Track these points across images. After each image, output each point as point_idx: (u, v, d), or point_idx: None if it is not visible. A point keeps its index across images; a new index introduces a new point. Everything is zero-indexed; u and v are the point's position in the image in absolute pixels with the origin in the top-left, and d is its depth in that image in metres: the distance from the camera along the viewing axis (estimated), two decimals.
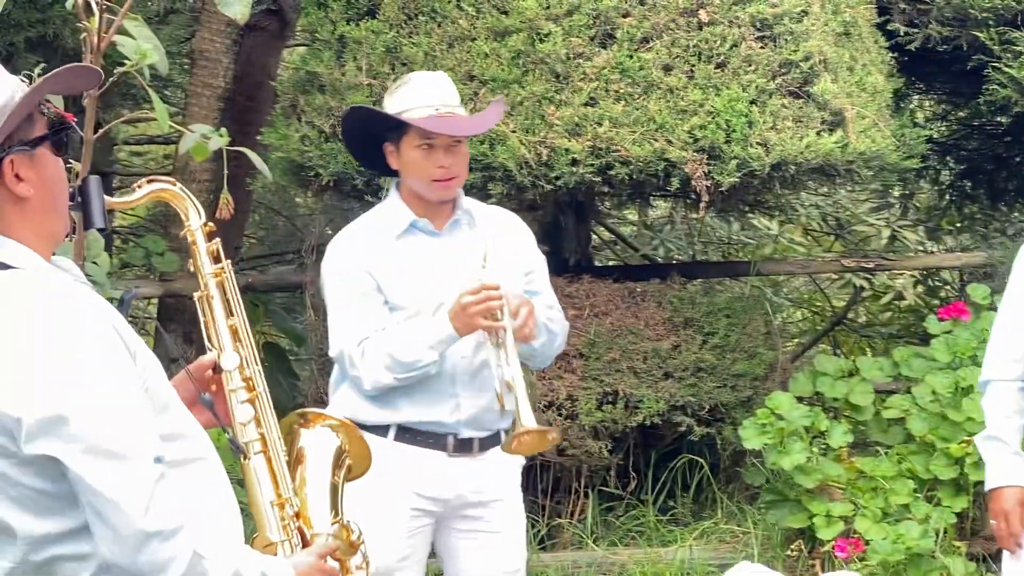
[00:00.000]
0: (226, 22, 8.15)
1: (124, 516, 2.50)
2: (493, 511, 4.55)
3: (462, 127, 4.48)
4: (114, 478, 2.49)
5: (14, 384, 2.50)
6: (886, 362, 7.47)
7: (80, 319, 2.55)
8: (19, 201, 2.61)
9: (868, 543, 6.42)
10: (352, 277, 4.47)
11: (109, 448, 2.50)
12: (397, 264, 4.45)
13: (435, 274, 4.45)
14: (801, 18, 6.87)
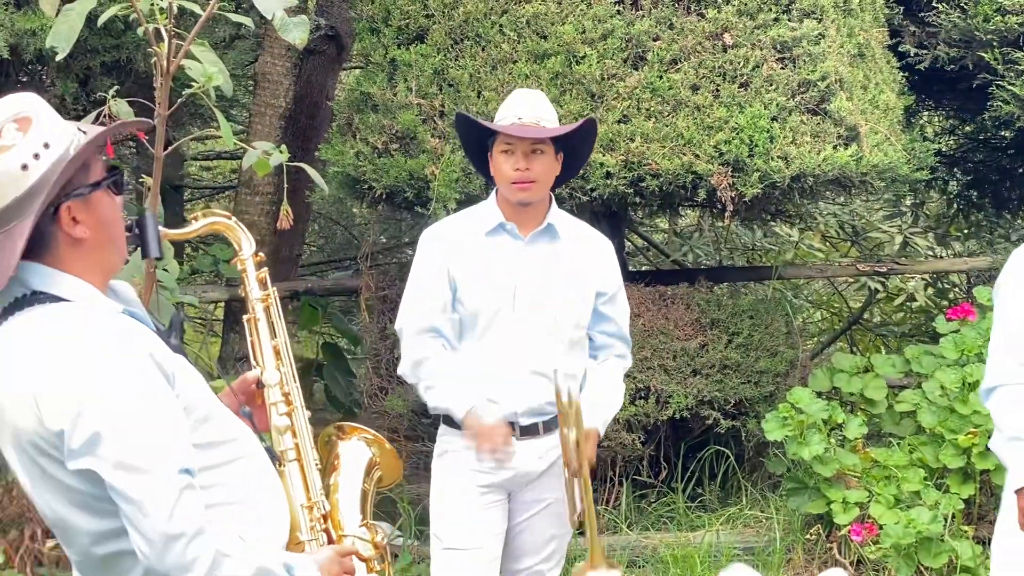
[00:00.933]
0: (287, 47, 8.18)
1: (150, 521, 2.60)
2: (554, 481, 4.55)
3: (530, 131, 4.42)
4: (140, 488, 2.59)
5: (59, 401, 2.59)
6: (898, 359, 7.43)
7: (117, 347, 2.64)
8: (76, 242, 2.70)
9: (882, 527, 6.38)
10: (432, 264, 4.52)
11: (135, 463, 2.60)
12: (479, 259, 4.48)
13: (511, 275, 4.46)
14: (819, 41, 6.84)
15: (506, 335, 4.45)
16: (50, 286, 2.67)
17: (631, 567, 6.76)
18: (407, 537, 7.12)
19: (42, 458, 2.64)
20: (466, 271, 4.47)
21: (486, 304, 4.45)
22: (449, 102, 6.73)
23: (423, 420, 7.27)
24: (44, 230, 2.65)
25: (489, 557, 4.53)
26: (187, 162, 12.60)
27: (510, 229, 4.51)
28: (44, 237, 2.65)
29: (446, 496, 4.55)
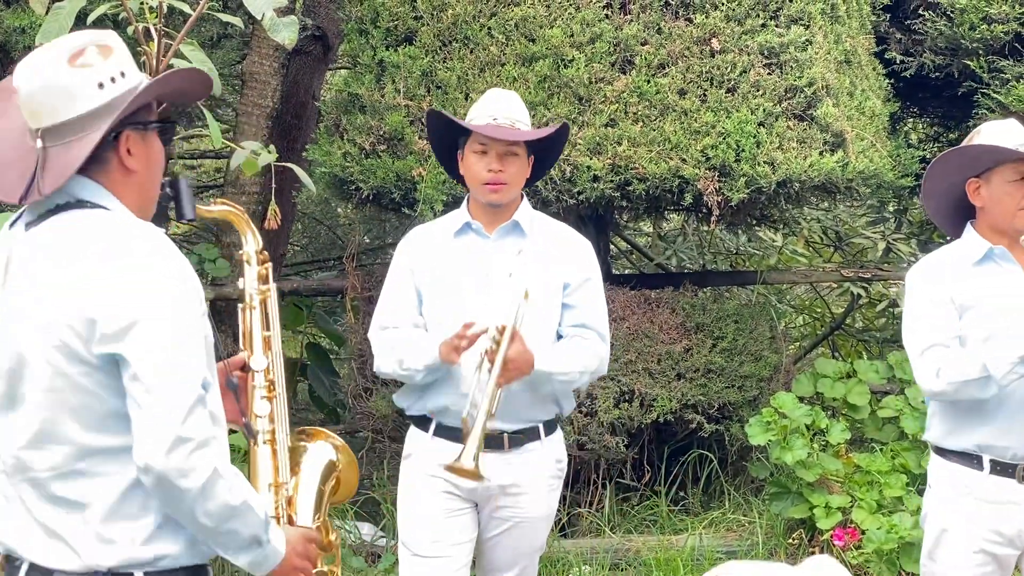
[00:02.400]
0: (274, 47, 8.16)
1: (164, 418, 2.68)
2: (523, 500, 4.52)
3: (508, 133, 4.40)
4: (163, 383, 2.68)
5: (99, 290, 2.69)
6: (881, 365, 7.46)
7: (167, 249, 2.77)
8: (127, 171, 2.85)
9: (864, 532, 6.40)
10: (398, 272, 4.55)
11: (166, 359, 2.69)
12: (446, 258, 4.48)
13: (475, 272, 4.45)
14: (806, 47, 6.85)
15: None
16: (96, 198, 2.81)
17: (614, 570, 6.77)
18: (390, 538, 7.11)
19: (59, 354, 2.71)
20: (432, 275, 4.47)
21: (449, 304, 4.44)
22: (437, 104, 6.72)
23: (406, 421, 7.23)
24: (102, 152, 2.79)
25: (456, 566, 4.45)
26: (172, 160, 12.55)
27: (476, 228, 4.50)
28: (99, 158, 2.80)
29: (412, 502, 4.50)
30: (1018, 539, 4.20)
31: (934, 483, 4.33)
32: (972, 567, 4.22)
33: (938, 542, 4.28)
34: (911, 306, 4.25)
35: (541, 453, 4.52)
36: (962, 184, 4.27)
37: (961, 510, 4.22)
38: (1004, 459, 4.16)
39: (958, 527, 4.22)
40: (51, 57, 2.78)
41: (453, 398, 4.37)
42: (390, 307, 4.53)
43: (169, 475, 2.68)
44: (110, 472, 2.76)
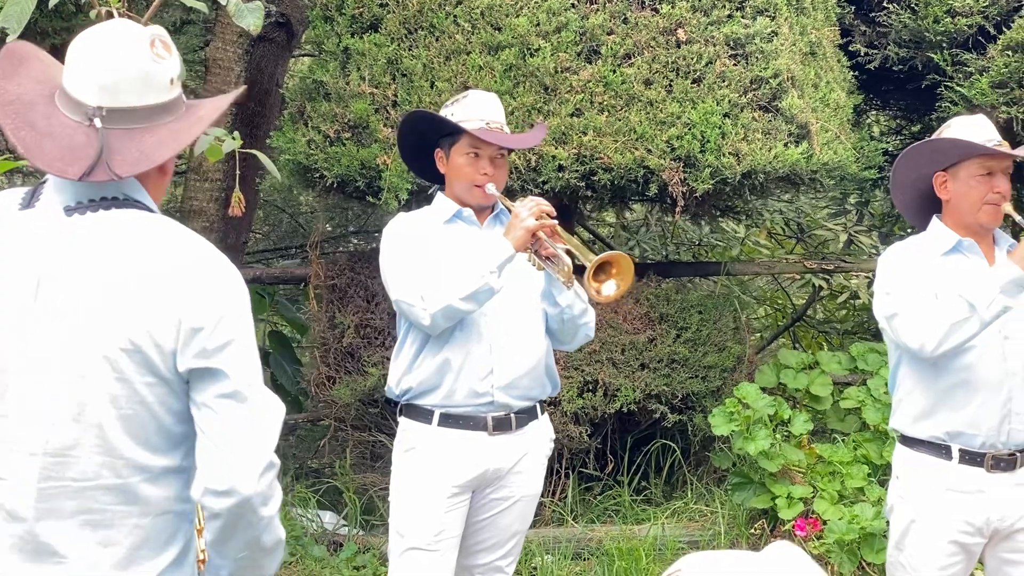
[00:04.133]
0: (239, 33, 8.09)
1: (259, 441, 2.60)
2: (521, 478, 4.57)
3: (509, 140, 4.59)
4: (260, 406, 2.61)
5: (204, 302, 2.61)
6: (844, 356, 7.47)
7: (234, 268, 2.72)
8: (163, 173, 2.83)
9: (825, 523, 6.40)
10: (405, 241, 4.48)
11: (258, 381, 2.63)
12: (441, 242, 4.48)
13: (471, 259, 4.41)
14: (771, 38, 6.85)
15: (473, 321, 4.43)
16: (142, 197, 2.73)
17: (576, 559, 6.76)
18: (352, 527, 7.07)
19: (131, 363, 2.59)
20: (431, 260, 4.44)
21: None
22: (402, 92, 6.68)
23: (370, 410, 7.22)
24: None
25: (454, 557, 4.50)
26: None
27: (466, 216, 4.54)
28: None
29: (414, 494, 4.48)
30: (986, 528, 4.21)
31: (901, 473, 4.33)
32: (942, 557, 4.23)
33: (906, 532, 4.29)
34: (885, 279, 4.26)
35: (538, 431, 4.62)
36: (930, 177, 4.30)
37: (931, 500, 4.22)
38: (973, 448, 4.18)
39: (928, 518, 4.23)
40: (131, 38, 2.69)
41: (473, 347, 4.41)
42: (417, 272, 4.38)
43: (254, 501, 2.60)
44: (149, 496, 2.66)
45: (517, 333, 4.50)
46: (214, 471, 2.59)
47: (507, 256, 4.29)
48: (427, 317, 4.30)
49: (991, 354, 4.18)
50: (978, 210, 4.22)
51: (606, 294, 4.25)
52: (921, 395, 4.24)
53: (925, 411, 4.23)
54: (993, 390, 4.16)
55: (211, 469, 2.59)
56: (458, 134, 4.50)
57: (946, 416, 4.19)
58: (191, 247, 2.67)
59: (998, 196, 4.23)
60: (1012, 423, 4.19)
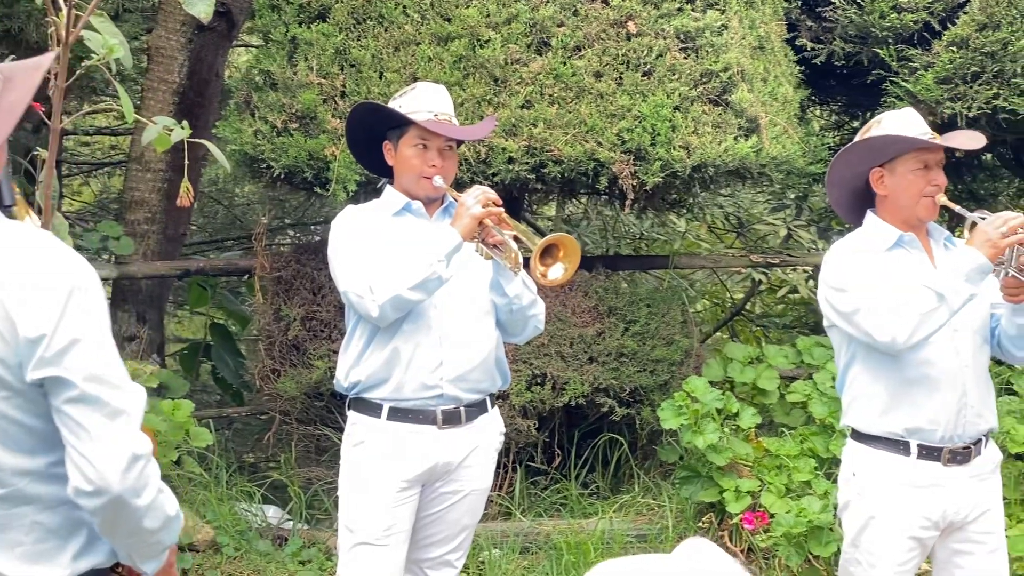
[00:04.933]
0: (181, 21, 8.00)
1: (120, 437, 2.55)
2: (472, 472, 4.54)
3: (458, 132, 4.55)
4: (113, 402, 2.55)
5: (38, 309, 2.52)
6: (790, 350, 7.49)
7: (85, 263, 2.63)
8: None
9: (773, 516, 6.41)
10: (355, 233, 4.43)
11: (109, 376, 2.57)
12: (391, 235, 4.43)
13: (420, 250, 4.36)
14: (721, 32, 6.84)
15: (422, 313, 4.39)
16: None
17: (524, 553, 6.73)
18: (298, 521, 7.00)
19: None
20: (380, 252, 4.38)
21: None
22: (351, 82, 6.61)
23: (316, 403, 7.14)
24: None
25: (402, 554, 4.47)
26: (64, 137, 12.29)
27: (415, 209, 4.51)
28: None
29: (363, 489, 4.44)
30: (942, 521, 4.23)
31: (858, 471, 4.32)
32: (902, 553, 4.24)
33: (864, 529, 4.29)
34: (836, 276, 4.24)
35: (488, 425, 4.59)
36: (865, 173, 4.32)
37: (889, 497, 4.23)
38: (932, 443, 4.19)
39: (887, 514, 4.23)
40: None
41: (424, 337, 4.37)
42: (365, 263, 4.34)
43: (125, 496, 2.56)
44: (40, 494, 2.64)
45: (467, 326, 4.46)
46: (79, 473, 2.55)
47: (455, 245, 4.25)
48: (376, 308, 4.26)
49: (944, 348, 4.19)
50: (916, 203, 4.24)
51: (553, 277, 4.20)
52: (878, 392, 4.24)
53: (883, 408, 4.23)
54: (950, 384, 4.18)
55: (77, 472, 2.56)
56: (406, 126, 4.47)
57: (906, 412, 4.20)
58: (19, 251, 2.57)
59: (935, 189, 4.25)
60: (967, 416, 4.21)
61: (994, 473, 4.34)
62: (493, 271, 4.43)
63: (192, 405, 6.66)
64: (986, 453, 4.31)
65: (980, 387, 4.26)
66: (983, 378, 4.29)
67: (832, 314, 4.27)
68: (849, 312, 4.17)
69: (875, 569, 4.28)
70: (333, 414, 7.05)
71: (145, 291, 8.09)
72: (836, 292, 4.24)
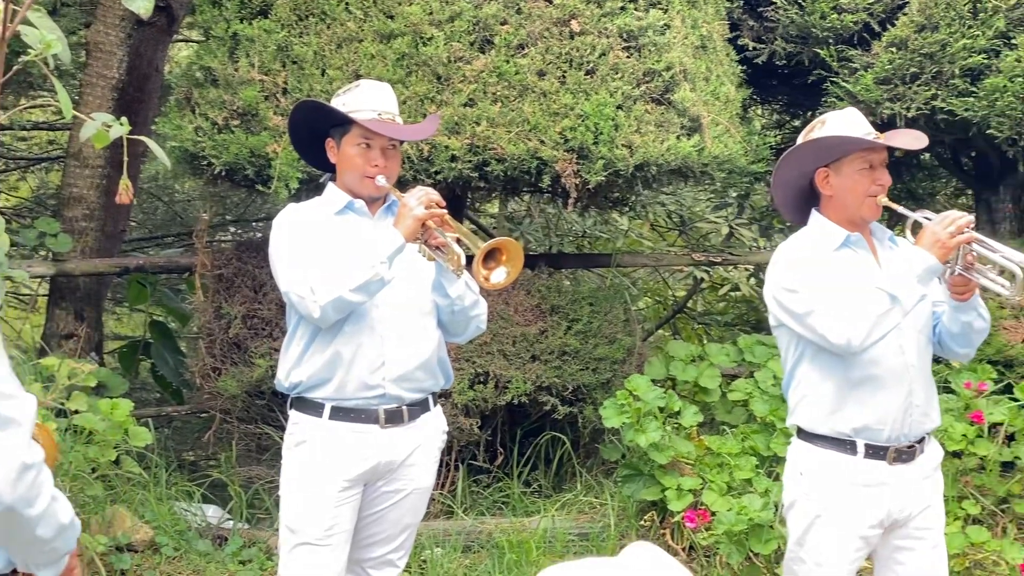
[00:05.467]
0: (121, 16, 7.93)
1: (8, 447, 2.50)
2: (414, 471, 4.52)
3: (401, 131, 4.54)
4: (2, 412, 2.50)
5: None
6: (731, 348, 7.52)
7: None
8: None
9: (714, 514, 6.43)
10: (297, 230, 4.40)
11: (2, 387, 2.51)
12: (333, 233, 4.40)
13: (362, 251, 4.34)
14: (664, 31, 6.86)
15: (364, 313, 4.36)
16: None
17: (466, 552, 6.72)
18: (238, 521, 6.96)
19: None
20: (321, 251, 4.36)
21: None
22: (293, 79, 6.58)
23: (257, 401, 7.10)
24: None
25: (343, 554, 4.44)
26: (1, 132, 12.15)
27: (358, 208, 4.49)
28: None
29: (304, 488, 4.41)
30: (887, 519, 4.26)
31: (804, 470, 4.34)
32: (850, 552, 4.26)
33: (810, 528, 4.30)
34: (786, 276, 4.24)
35: (431, 424, 4.57)
36: (811, 173, 4.33)
37: (836, 496, 4.25)
38: (878, 442, 4.21)
39: (834, 513, 4.25)
40: None
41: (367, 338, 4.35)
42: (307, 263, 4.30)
43: (17, 507, 2.53)
44: None
45: (409, 325, 4.44)
46: None
47: (397, 246, 4.23)
48: (317, 309, 4.23)
49: (890, 348, 4.21)
50: (862, 203, 4.26)
51: (495, 281, 4.18)
52: (826, 392, 4.25)
53: (831, 408, 4.25)
54: (896, 383, 4.21)
55: None
56: (349, 124, 4.45)
57: (854, 411, 4.22)
58: None
59: (879, 188, 4.28)
60: (913, 415, 4.24)
61: (936, 470, 4.37)
62: (435, 272, 4.41)
63: (131, 404, 6.59)
64: (929, 451, 4.34)
65: (925, 386, 4.29)
66: (927, 377, 4.33)
67: (783, 315, 4.28)
68: (802, 314, 4.18)
69: (821, 568, 4.30)
70: (274, 412, 7.01)
71: (83, 288, 8.00)
72: (788, 293, 4.24)
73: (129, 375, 8.69)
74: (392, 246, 4.22)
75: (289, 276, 4.32)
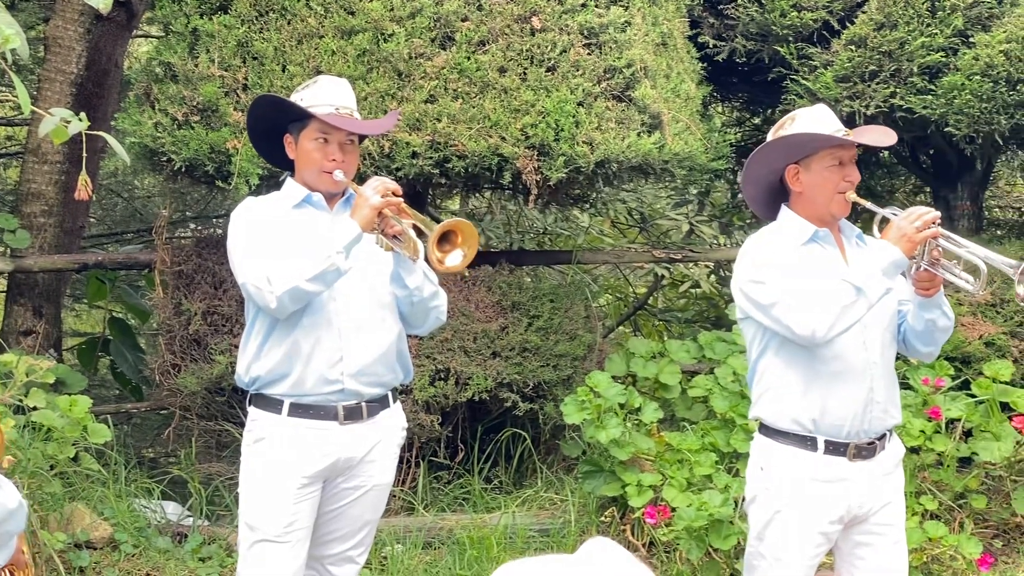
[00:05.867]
0: (80, 11, 7.88)
1: None
2: (374, 467, 4.51)
3: (358, 126, 4.52)
4: None
5: None
6: (692, 345, 7.53)
7: None
8: None
9: (675, 510, 6.45)
10: (254, 223, 4.38)
11: None
12: (290, 227, 4.38)
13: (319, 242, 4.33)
14: (625, 28, 6.88)
15: (322, 307, 4.35)
16: None
17: (427, 548, 6.72)
18: (198, 517, 6.94)
19: None
20: (279, 243, 4.35)
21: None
22: (253, 75, 6.56)
23: (217, 398, 7.08)
24: None
25: (303, 551, 4.43)
26: None
27: (316, 201, 4.47)
28: None
29: (263, 485, 4.40)
30: (847, 515, 4.28)
31: (765, 465, 4.35)
32: (810, 547, 4.28)
33: (770, 523, 4.32)
34: (752, 269, 4.26)
35: (390, 420, 4.56)
36: (781, 170, 4.35)
37: (796, 491, 4.26)
38: (838, 438, 4.23)
39: (794, 508, 4.27)
40: None
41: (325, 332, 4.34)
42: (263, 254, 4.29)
43: None
44: None
45: (368, 319, 4.44)
46: None
47: (353, 236, 4.21)
48: (273, 300, 4.21)
49: (853, 344, 4.23)
50: (831, 200, 4.28)
51: (450, 264, 4.15)
52: (788, 386, 4.27)
53: (792, 402, 4.26)
54: (857, 380, 4.22)
55: None
56: (307, 119, 4.44)
57: (814, 407, 4.23)
58: None
59: (848, 185, 4.30)
60: (873, 412, 4.25)
61: (897, 467, 4.39)
62: (393, 263, 4.41)
63: (90, 401, 6.56)
64: (890, 448, 4.36)
65: (887, 383, 4.30)
66: (890, 374, 4.34)
67: (748, 306, 4.29)
68: (767, 305, 4.20)
69: (780, 563, 4.32)
70: (235, 409, 6.99)
71: (42, 285, 7.95)
72: (754, 284, 4.26)
73: (88, 372, 8.65)
74: (349, 235, 4.21)
75: (246, 267, 4.30)
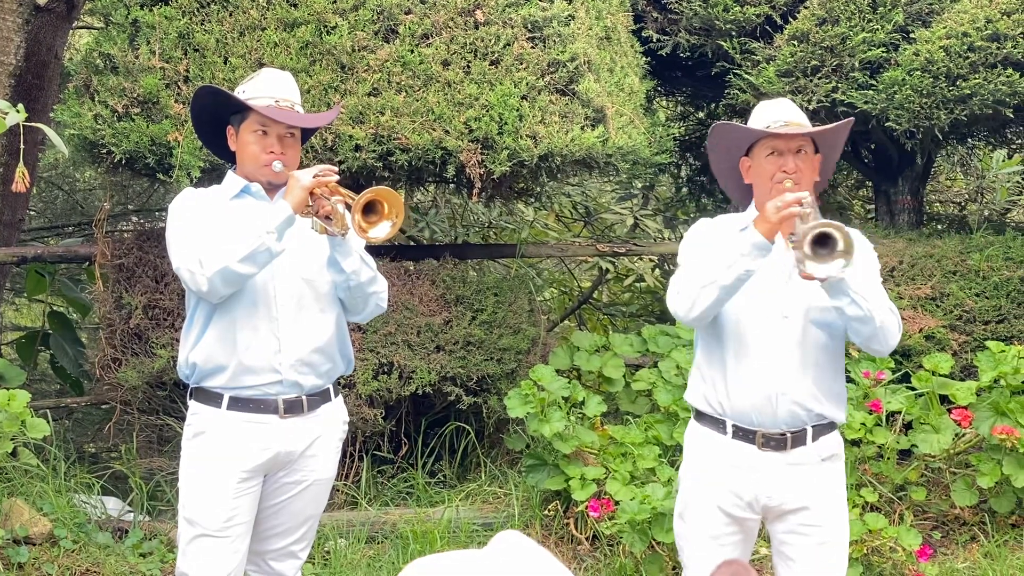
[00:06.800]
0: (19, 1, 7.79)
1: None
2: (315, 462, 4.50)
3: (296, 118, 4.50)
4: None
5: None
6: (635, 339, 7.56)
7: None
8: None
9: (618, 503, 6.47)
10: (192, 211, 4.37)
11: None
12: (226, 217, 4.36)
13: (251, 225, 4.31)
14: (568, 22, 6.89)
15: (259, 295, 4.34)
16: None
17: (370, 543, 6.71)
18: (138, 513, 6.90)
19: None
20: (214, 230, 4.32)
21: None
22: (194, 67, 6.51)
23: (158, 393, 7.03)
24: None
25: (246, 543, 4.43)
26: None
27: (255, 191, 4.47)
28: None
29: (203, 480, 4.38)
30: (756, 504, 4.32)
31: (687, 445, 4.47)
32: (718, 526, 4.35)
33: (686, 503, 4.43)
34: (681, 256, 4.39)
35: (331, 414, 4.56)
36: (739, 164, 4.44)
37: (706, 471, 4.36)
38: (746, 425, 4.28)
39: (701, 487, 4.37)
40: None
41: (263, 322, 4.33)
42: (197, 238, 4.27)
43: None
44: None
45: (306, 307, 4.42)
46: None
47: (285, 216, 4.20)
48: (205, 282, 4.19)
49: (767, 334, 4.27)
50: (770, 189, 4.32)
51: (374, 235, 4.12)
52: (706, 371, 4.37)
53: (708, 386, 4.35)
54: (766, 370, 4.25)
55: None
56: (247, 111, 4.44)
57: (722, 391, 4.31)
58: None
59: (783, 175, 4.33)
60: (782, 403, 4.27)
61: (824, 464, 4.35)
62: (330, 247, 4.39)
63: (28, 395, 6.49)
64: (816, 444, 4.33)
65: (807, 377, 4.29)
66: (816, 368, 4.31)
67: None
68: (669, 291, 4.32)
69: (688, 542, 4.42)
70: (176, 404, 6.95)
71: None
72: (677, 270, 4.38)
73: (28, 366, 8.56)
74: (280, 216, 4.20)
75: (180, 252, 4.29)
